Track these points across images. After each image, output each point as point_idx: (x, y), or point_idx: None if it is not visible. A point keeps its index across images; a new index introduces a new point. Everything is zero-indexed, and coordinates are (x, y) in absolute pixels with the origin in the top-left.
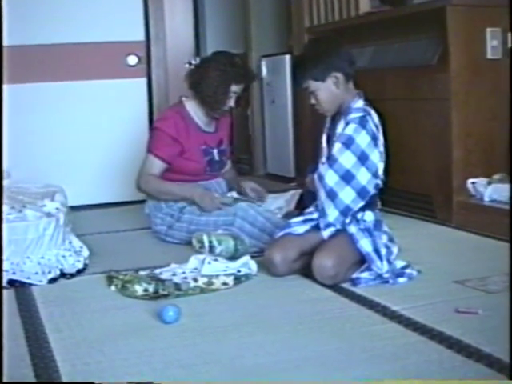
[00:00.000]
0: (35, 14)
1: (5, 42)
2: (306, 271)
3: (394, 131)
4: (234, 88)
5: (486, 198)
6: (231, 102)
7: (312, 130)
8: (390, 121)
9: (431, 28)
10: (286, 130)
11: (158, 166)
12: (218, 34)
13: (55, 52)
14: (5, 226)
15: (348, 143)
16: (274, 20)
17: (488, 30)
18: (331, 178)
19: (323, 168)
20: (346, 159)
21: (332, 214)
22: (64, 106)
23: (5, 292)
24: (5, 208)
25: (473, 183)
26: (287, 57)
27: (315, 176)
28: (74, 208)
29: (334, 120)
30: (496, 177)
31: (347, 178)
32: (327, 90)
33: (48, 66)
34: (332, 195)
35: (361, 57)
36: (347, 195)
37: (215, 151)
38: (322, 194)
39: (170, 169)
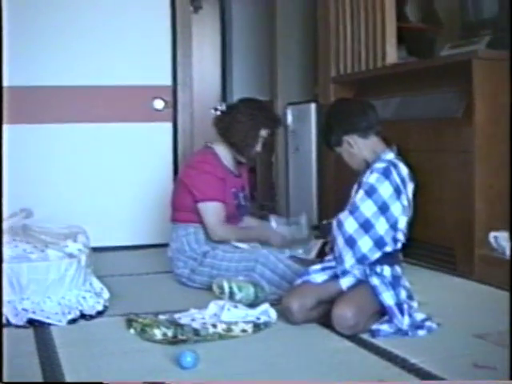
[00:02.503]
0: (66, 56)
1: (36, 83)
2: (325, 320)
3: (417, 182)
4: (263, 132)
5: (508, 252)
6: (259, 147)
7: (336, 178)
8: (413, 172)
9: (457, 81)
10: (309, 177)
11: (221, 208)
12: (245, 81)
13: (84, 94)
14: (26, 265)
15: (370, 192)
16: (300, 68)
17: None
18: (351, 225)
19: (343, 215)
20: (367, 208)
21: (349, 261)
22: (90, 147)
23: (24, 331)
24: (27, 247)
25: (495, 237)
26: (312, 105)
27: (334, 222)
28: (96, 249)
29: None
30: None
31: (366, 226)
32: (346, 152)
33: (76, 107)
34: (351, 242)
35: (386, 108)
36: (365, 244)
37: (241, 195)
38: (340, 241)
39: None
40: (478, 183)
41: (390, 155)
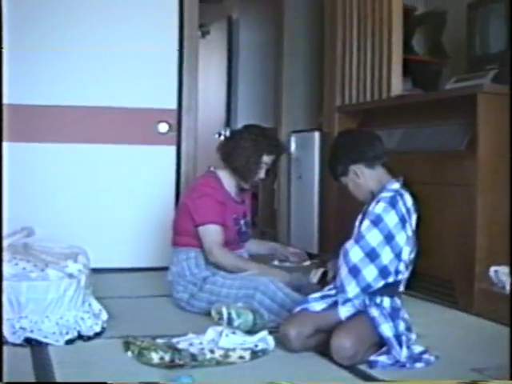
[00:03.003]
0: (73, 76)
1: (42, 102)
2: (323, 349)
3: (419, 215)
4: (266, 159)
5: (508, 287)
6: (262, 173)
7: (337, 207)
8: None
9: (461, 114)
10: (311, 206)
11: (219, 232)
12: (250, 107)
13: (89, 114)
14: (25, 283)
15: (376, 221)
16: (304, 96)
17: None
18: (356, 254)
19: (349, 244)
20: (373, 237)
21: (352, 290)
22: (93, 168)
23: (21, 350)
24: (27, 265)
25: (495, 271)
26: (316, 133)
27: (340, 251)
28: (96, 270)
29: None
30: None
31: (372, 255)
32: (352, 182)
33: (81, 127)
34: (355, 271)
35: (390, 139)
36: (370, 273)
37: (242, 222)
38: (344, 270)
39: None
40: (480, 217)
41: (396, 185)
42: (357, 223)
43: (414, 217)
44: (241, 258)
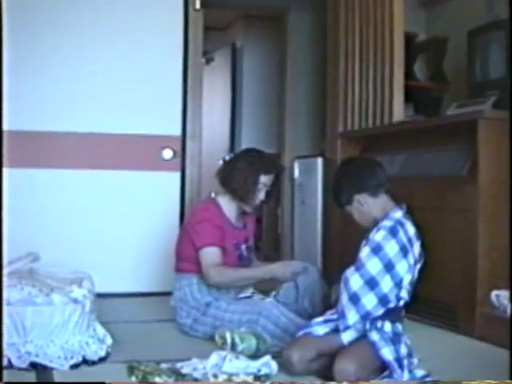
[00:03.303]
0: (77, 102)
1: (47, 128)
2: (326, 373)
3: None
4: (264, 179)
5: (509, 311)
6: (261, 195)
7: (341, 233)
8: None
9: (462, 139)
10: (314, 231)
11: (217, 253)
12: (253, 133)
13: (93, 140)
14: (31, 308)
15: (376, 249)
16: (307, 122)
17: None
18: (356, 282)
19: (349, 271)
20: (373, 265)
21: (352, 318)
22: (97, 194)
23: (26, 374)
24: (32, 290)
25: (497, 295)
26: (319, 159)
27: (341, 278)
28: (100, 295)
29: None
30: None
31: (372, 284)
32: (356, 210)
33: (85, 153)
34: (355, 299)
35: (392, 164)
36: (369, 301)
37: (243, 247)
38: (344, 298)
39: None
40: (481, 242)
41: (399, 213)
42: (362, 247)
43: (417, 244)
44: (237, 269)
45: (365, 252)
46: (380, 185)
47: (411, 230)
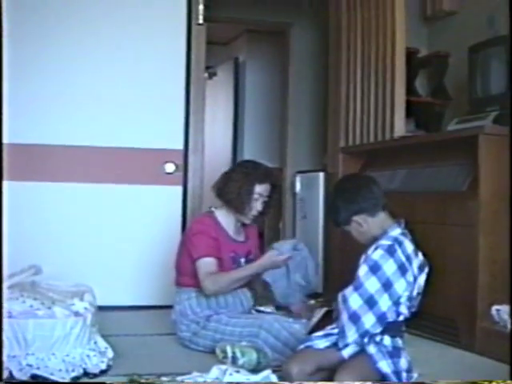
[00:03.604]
0: (81, 116)
1: (54, 142)
2: None
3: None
4: (259, 189)
5: (510, 326)
6: (258, 206)
7: (342, 247)
8: (417, 244)
9: (463, 155)
10: (315, 245)
11: (212, 263)
12: (255, 148)
13: (95, 154)
14: (32, 321)
15: (374, 268)
16: (309, 137)
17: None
18: (355, 301)
19: (348, 291)
20: (371, 284)
21: (352, 336)
22: (100, 208)
23: None
24: (34, 303)
25: (497, 310)
26: (321, 174)
27: (339, 298)
28: (102, 308)
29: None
30: None
31: (370, 303)
32: (354, 230)
33: (87, 167)
34: (355, 318)
35: (392, 179)
36: (368, 320)
37: (243, 260)
38: (345, 316)
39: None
40: (481, 257)
41: (397, 231)
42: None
43: (415, 261)
44: (229, 273)
45: (363, 271)
46: (377, 204)
47: (409, 247)
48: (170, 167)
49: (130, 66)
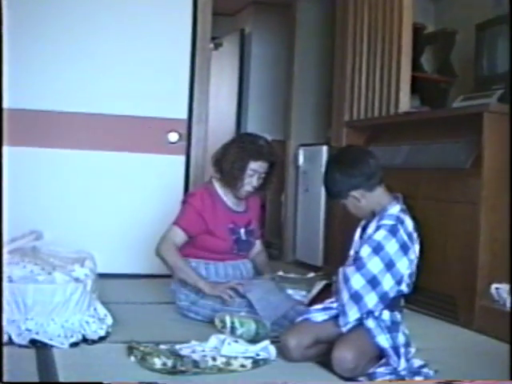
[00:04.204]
0: (88, 84)
1: (56, 108)
2: (324, 360)
3: (423, 230)
4: (253, 165)
5: (508, 304)
6: (253, 182)
7: (343, 221)
8: (419, 220)
9: (467, 132)
10: (317, 219)
11: (180, 235)
12: (259, 119)
13: (99, 121)
14: (32, 286)
15: (377, 249)
16: (314, 111)
17: None
18: (358, 281)
19: (350, 270)
20: (374, 265)
21: (353, 315)
22: (102, 175)
23: (26, 351)
24: (35, 268)
25: (497, 288)
26: (324, 148)
27: (340, 275)
28: (102, 275)
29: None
30: None
31: (373, 283)
32: (351, 204)
33: (91, 134)
34: (357, 298)
35: (396, 155)
36: (371, 300)
37: (242, 231)
38: (345, 295)
39: (196, 245)
40: (482, 235)
41: (396, 208)
42: (355, 237)
43: (416, 238)
44: (183, 261)
45: (366, 252)
46: (375, 178)
47: (410, 224)
48: (173, 136)
49: (135, 35)
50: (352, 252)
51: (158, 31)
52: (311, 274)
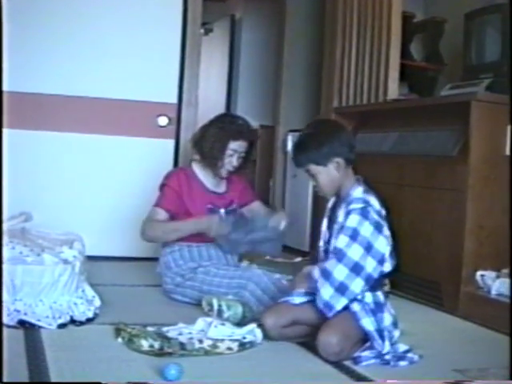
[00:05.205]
0: (75, 66)
1: (47, 91)
2: (305, 342)
3: (409, 217)
4: (233, 145)
5: (493, 292)
6: (233, 161)
7: None
8: (406, 206)
9: (455, 120)
10: (304, 204)
11: (160, 214)
12: (249, 105)
13: (89, 105)
14: (21, 267)
15: (354, 236)
16: (303, 96)
17: (509, 127)
18: (341, 272)
19: (330, 264)
20: (354, 252)
21: (341, 304)
22: (91, 158)
23: (14, 331)
24: (24, 250)
25: (482, 275)
26: None
27: (318, 272)
28: (91, 258)
29: (335, 205)
30: (505, 271)
31: (357, 269)
32: (328, 174)
33: (81, 117)
34: (342, 289)
35: (384, 142)
36: (357, 285)
37: (222, 211)
38: (329, 291)
39: None
40: (468, 222)
41: (359, 190)
42: (323, 227)
43: (384, 213)
44: (169, 222)
45: (343, 241)
46: (353, 153)
47: (376, 203)
48: (163, 120)
49: (126, 20)
50: (321, 243)
51: (148, 16)
52: (298, 259)
